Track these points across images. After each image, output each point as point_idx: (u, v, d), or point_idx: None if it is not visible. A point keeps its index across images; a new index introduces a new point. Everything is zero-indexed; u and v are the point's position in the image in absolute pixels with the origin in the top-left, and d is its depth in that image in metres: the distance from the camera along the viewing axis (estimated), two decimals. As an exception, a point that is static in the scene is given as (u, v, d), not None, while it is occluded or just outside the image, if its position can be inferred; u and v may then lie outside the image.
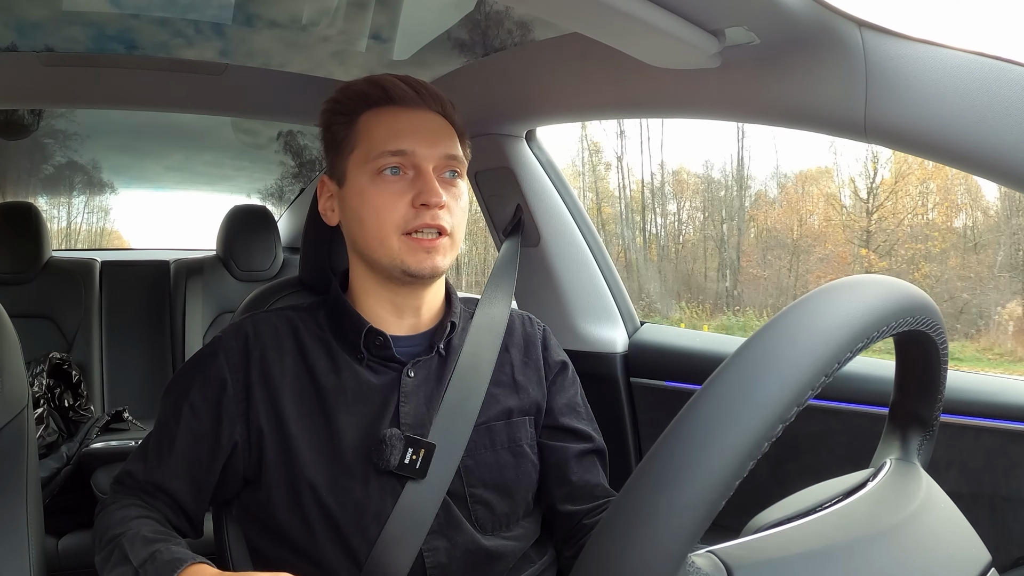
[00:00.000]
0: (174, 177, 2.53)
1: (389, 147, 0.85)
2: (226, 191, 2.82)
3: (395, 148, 0.85)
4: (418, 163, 0.86)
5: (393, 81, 0.89)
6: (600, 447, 1.00)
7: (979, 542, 0.53)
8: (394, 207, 0.84)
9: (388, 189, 0.85)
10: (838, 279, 0.45)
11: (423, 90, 0.90)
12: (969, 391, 0.98)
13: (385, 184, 0.85)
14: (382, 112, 0.89)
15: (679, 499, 0.36)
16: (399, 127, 0.87)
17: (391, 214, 0.84)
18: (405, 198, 0.85)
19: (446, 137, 0.89)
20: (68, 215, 4.38)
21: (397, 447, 0.83)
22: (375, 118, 0.88)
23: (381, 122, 0.88)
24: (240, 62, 1.34)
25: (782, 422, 0.37)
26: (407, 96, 0.89)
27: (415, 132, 0.86)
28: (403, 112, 0.88)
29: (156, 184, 2.63)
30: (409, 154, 0.85)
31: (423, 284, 0.89)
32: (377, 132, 0.87)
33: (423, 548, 0.83)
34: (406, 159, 0.86)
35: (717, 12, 0.79)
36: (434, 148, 0.87)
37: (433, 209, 0.84)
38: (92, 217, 4.38)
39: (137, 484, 0.87)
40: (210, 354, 0.88)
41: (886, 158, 6.23)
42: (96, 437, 1.83)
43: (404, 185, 0.85)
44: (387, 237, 0.85)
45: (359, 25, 1.19)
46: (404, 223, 0.84)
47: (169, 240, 2.95)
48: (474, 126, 1.40)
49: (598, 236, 1.48)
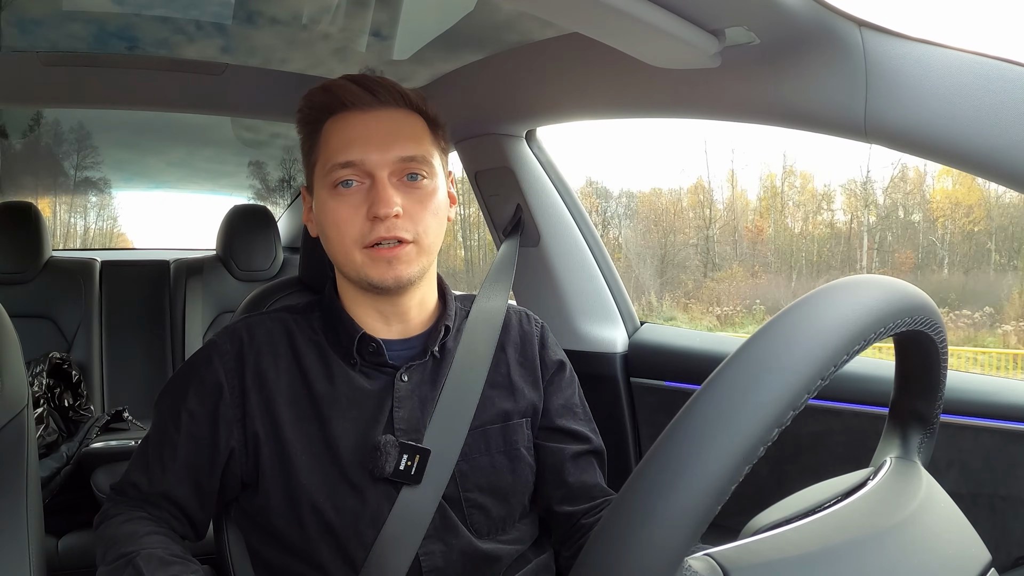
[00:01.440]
0: (176, 173, 2.52)
1: (339, 159, 0.82)
2: (227, 187, 2.82)
3: (344, 160, 0.82)
4: (370, 171, 0.82)
5: (343, 85, 0.85)
6: (598, 447, 1.00)
7: (979, 542, 0.53)
8: (350, 222, 0.82)
9: (345, 203, 0.83)
10: (836, 280, 0.45)
11: (379, 88, 0.86)
12: (969, 391, 0.98)
13: (341, 198, 0.83)
14: (339, 120, 0.85)
15: (675, 503, 0.36)
16: (350, 135, 0.84)
17: (349, 229, 0.82)
18: (361, 211, 0.82)
19: (403, 137, 0.84)
20: (84, 220, 4.87)
21: (392, 454, 0.83)
22: (332, 127, 0.86)
23: (335, 131, 0.85)
24: (240, 60, 1.34)
25: (778, 426, 0.37)
26: (360, 98, 0.85)
27: (366, 138, 0.83)
28: (357, 117, 0.85)
29: (157, 180, 2.62)
30: (358, 164, 0.82)
31: (396, 294, 0.87)
32: (331, 143, 0.84)
33: (419, 552, 0.83)
34: (357, 169, 0.82)
35: (717, 12, 0.79)
36: (386, 152, 0.83)
37: (387, 220, 0.81)
38: (102, 222, 4.87)
39: (141, 495, 0.86)
40: (205, 358, 0.88)
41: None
42: (96, 437, 1.83)
43: (360, 197, 0.83)
44: (349, 252, 0.83)
45: (359, 24, 1.19)
46: (361, 237, 0.82)
47: (174, 240, 2.96)
48: (474, 126, 1.40)
49: (598, 236, 1.48)
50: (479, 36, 1.18)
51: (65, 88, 1.39)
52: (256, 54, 1.25)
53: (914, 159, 10.73)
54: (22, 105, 1.87)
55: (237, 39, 1.21)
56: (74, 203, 4.37)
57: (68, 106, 1.86)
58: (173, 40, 1.19)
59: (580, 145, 2.58)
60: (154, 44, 1.22)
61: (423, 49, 1.26)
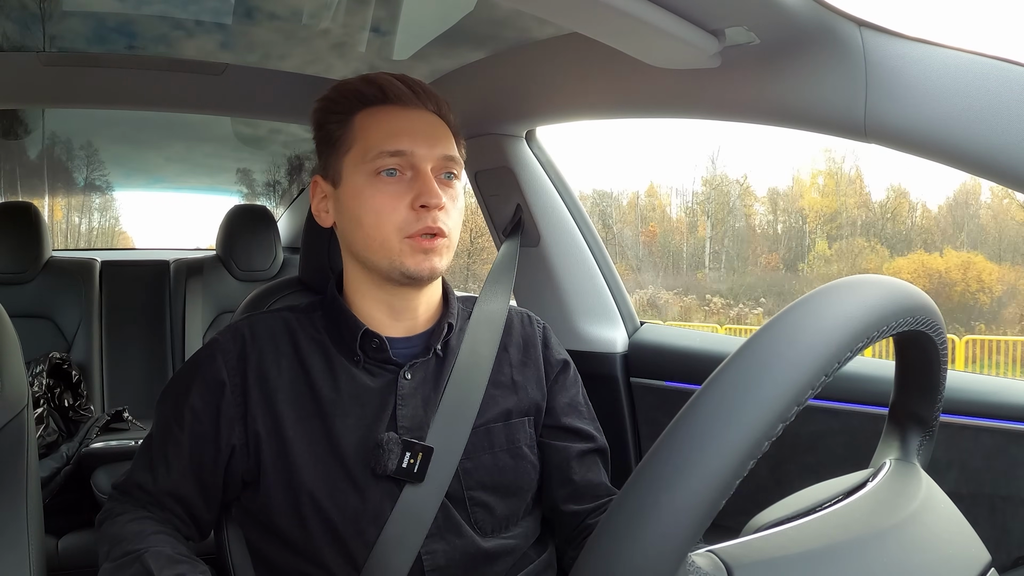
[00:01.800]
0: (175, 169, 2.52)
1: (387, 147, 0.84)
2: (226, 183, 2.82)
3: (394, 148, 0.84)
4: (416, 164, 0.84)
5: (390, 80, 0.88)
6: (602, 446, 1.00)
7: (979, 542, 0.53)
8: (394, 209, 0.83)
9: (386, 190, 0.84)
10: (838, 279, 0.45)
11: (420, 89, 0.89)
12: (969, 391, 0.98)
13: (383, 185, 0.84)
14: (378, 111, 0.87)
15: (679, 498, 0.36)
16: (397, 127, 0.85)
17: (391, 216, 0.83)
18: (404, 200, 0.83)
19: (443, 138, 0.88)
20: (88, 220, 5.24)
21: (395, 451, 0.83)
22: (371, 117, 0.87)
23: (378, 122, 0.86)
24: (240, 57, 1.33)
25: (782, 421, 0.37)
26: (404, 95, 0.87)
27: (413, 132, 0.85)
28: (400, 112, 0.87)
29: (156, 175, 2.62)
30: (408, 155, 0.84)
31: (420, 286, 0.88)
32: (374, 132, 0.86)
33: (422, 551, 0.83)
34: (404, 160, 0.84)
35: (717, 12, 0.79)
36: (432, 149, 0.85)
37: (433, 211, 0.83)
38: (105, 222, 5.23)
39: (146, 495, 0.86)
40: (208, 356, 0.88)
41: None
42: (96, 437, 1.83)
43: (402, 187, 0.84)
44: (387, 239, 0.84)
45: (359, 24, 1.19)
46: (405, 225, 0.83)
47: (172, 239, 2.98)
48: (474, 126, 1.40)
49: (598, 236, 1.48)
50: (479, 36, 1.18)
51: (65, 88, 1.39)
52: (256, 48, 1.24)
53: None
54: (22, 105, 1.87)
55: (237, 36, 1.21)
56: (79, 205, 4.52)
57: (68, 106, 1.86)
58: (173, 36, 1.19)
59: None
60: (154, 39, 1.21)
61: (423, 49, 1.26)
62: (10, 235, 2.14)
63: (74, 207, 7.30)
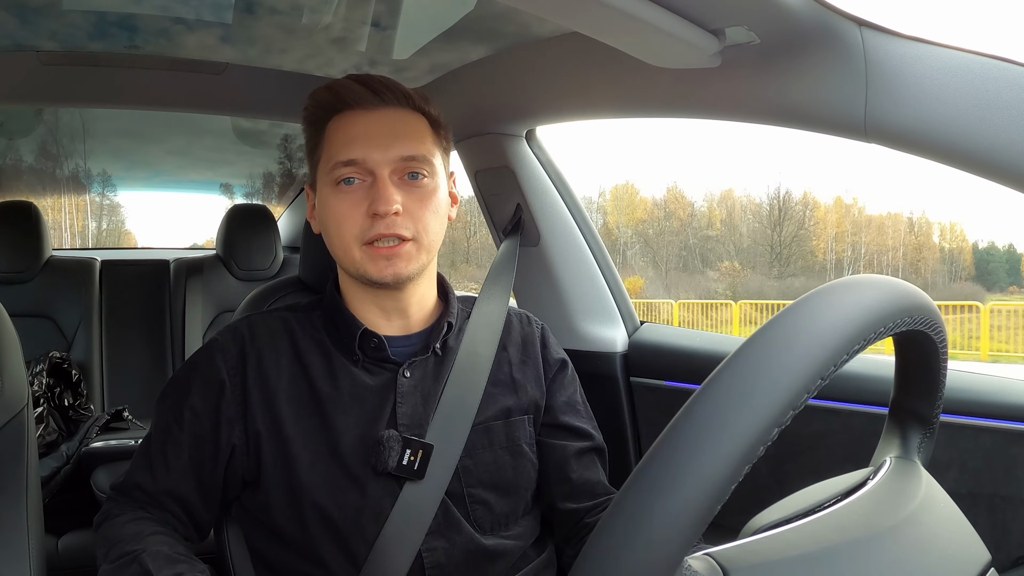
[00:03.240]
0: (175, 162, 2.51)
1: (341, 157, 0.84)
2: (227, 176, 2.82)
3: (346, 158, 0.84)
4: (372, 169, 0.84)
5: (347, 85, 0.87)
6: (600, 445, 1.00)
7: (979, 542, 0.53)
8: (351, 218, 0.84)
9: (346, 200, 0.84)
10: (836, 280, 0.45)
11: (382, 87, 0.87)
12: (969, 391, 0.98)
13: (343, 195, 0.84)
14: (341, 119, 0.87)
15: (675, 503, 0.36)
16: (352, 134, 0.85)
17: (349, 225, 0.84)
18: (361, 208, 0.83)
19: (404, 137, 0.86)
20: (99, 223, 5.49)
21: (395, 448, 0.83)
22: (335, 125, 0.87)
23: (339, 129, 0.87)
24: (240, 51, 1.33)
25: (778, 426, 0.37)
26: (362, 98, 0.86)
27: (368, 137, 0.84)
28: (360, 116, 0.86)
29: (157, 169, 2.61)
30: (360, 162, 0.84)
31: (396, 289, 0.88)
32: (334, 141, 0.86)
33: (422, 548, 0.83)
34: (359, 167, 0.84)
35: (717, 12, 0.79)
36: (387, 151, 0.84)
37: (387, 218, 0.82)
38: (112, 225, 5.49)
39: (145, 495, 0.86)
40: (208, 356, 0.88)
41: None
42: (96, 436, 1.83)
43: (361, 194, 0.84)
44: (348, 248, 0.85)
45: (359, 24, 1.19)
46: (361, 234, 0.83)
47: (174, 235, 3.00)
48: (474, 126, 1.40)
49: (598, 236, 1.48)
50: (479, 35, 1.18)
51: (65, 87, 1.39)
52: (256, 43, 1.24)
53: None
54: (22, 105, 1.87)
55: (237, 30, 1.20)
56: (95, 210, 4.63)
57: (68, 105, 1.86)
58: (173, 30, 1.19)
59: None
60: (155, 34, 1.21)
61: (423, 48, 1.26)
62: (10, 235, 2.14)
63: (91, 213, 7.68)
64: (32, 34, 1.20)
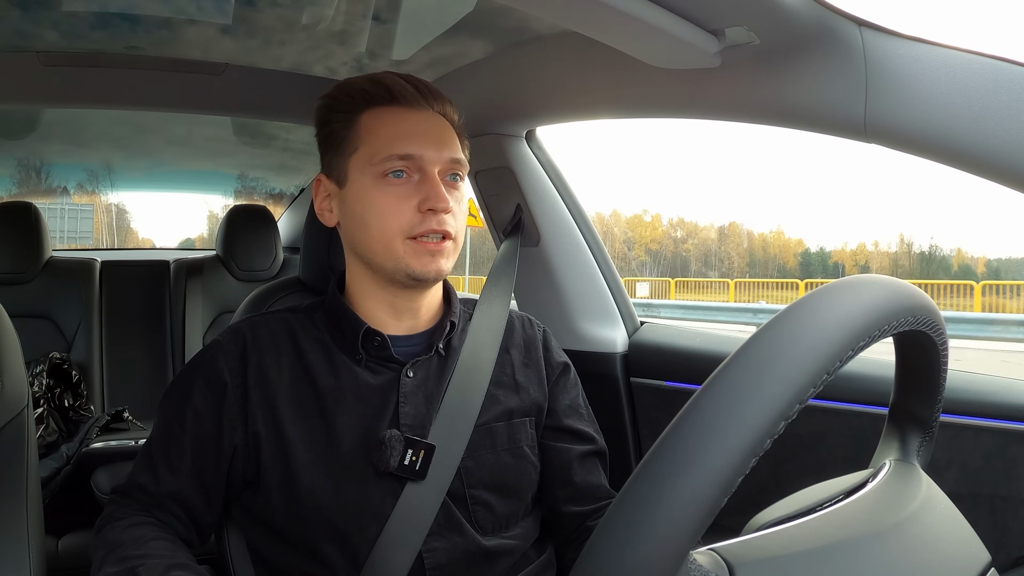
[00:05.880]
0: (175, 152, 2.49)
1: (396, 150, 0.84)
2: (227, 167, 2.81)
3: (403, 152, 0.84)
4: (424, 167, 0.84)
5: (396, 80, 0.88)
6: (602, 448, 1.00)
7: (979, 542, 0.53)
8: (400, 211, 0.83)
9: (393, 192, 0.84)
10: (839, 279, 0.45)
11: (426, 90, 0.88)
12: (969, 391, 0.98)
13: (390, 187, 0.84)
14: (384, 112, 0.87)
15: (682, 495, 0.36)
16: (404, 129, 0.85)
17: (397, 218, 0.83)
18: (411, 202, 0.83)
19: (450, 140, 0.88)
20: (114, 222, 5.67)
21: (397, 448, 0.83)
22: (377, 118, 0.87)
23: (385, 123, 0.86)
24: (241, 46, 1.33)
25: (784, 419, 0.37)
26: (411, 96, 0.87)
27: (421, 135, 0.85)
28: (407, 113, 0.87)
29: (157, 158, 2.60)
30: (416, 158, 0.84)
31: (426, 287, 0.88)
32: (381, 133, 0.85)
33: (422, 549, 0.83)
34: (412, 163, 0.84)
35: (717, 12, 0.79)
36: (440, 151, 0.85)
37: (440, 214, 0.83)
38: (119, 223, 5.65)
39: (148, 497, 0.85)
40: (210, 357, 0.88)
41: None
42: (96, 437, 1.83)
43: (409, 188, 0.84)
44: (392, 241, 0.84)
45: (359, 24, 1.19)
46: (410, 227, 0.83)
47: (173, 231, 3.01)
48: (474, 126, 1.40)
49: (598, 236, 1.48)
50: (479, 35, 1.18)
51: (65, 88, 1.39)
52: (256, 36, 1.24)
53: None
54: (22, 105, 1.87)
55: (237, 24, 1.20)
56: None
57: (68, 106, 1.86)
58: (174, 21, 1.18)
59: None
60: (156, 28, 1.21)
61: (422, 50, 1.26)
62: (10, 235, 2.14)
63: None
64: (32, 34, 1.20)
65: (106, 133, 2.28)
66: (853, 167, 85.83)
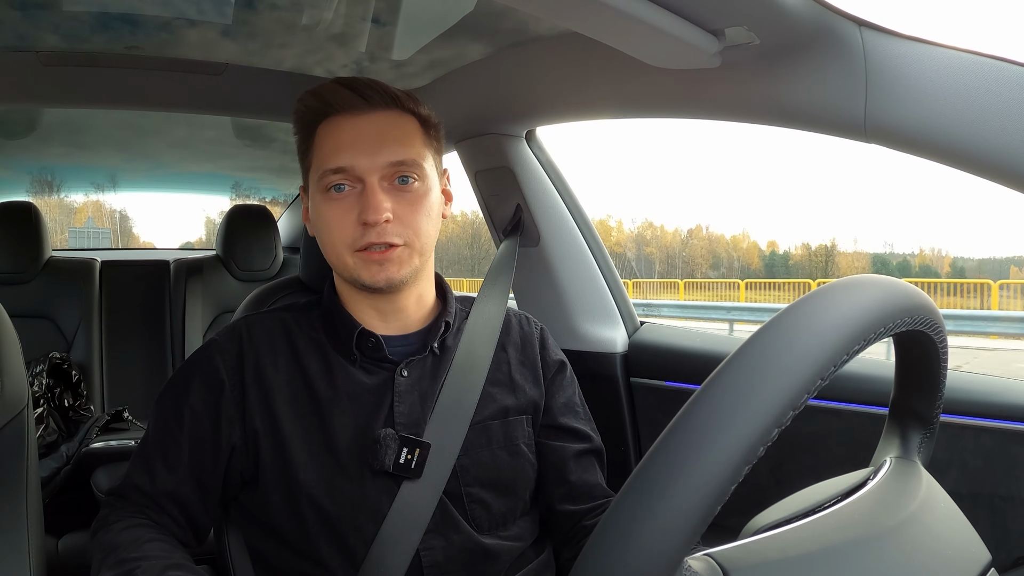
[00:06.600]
0: (176, 154, 2.50)
1: (330, 164, 0.84)
2: (229, 169, 2.81)
3: (334, 166, 0.83)
4: (360, 176, 0.83)
5: (333, 89, 0.86)
6: (598, 447, 1.00)
7: (979, 542, 0.53)
8: (342, 226, 0.84)
9: (336, 207, 0.84)
10: (836, 280, 0.45)
11: (369, 91, 0.86)
12: (969, 391, 0.98)
13: (333, 202, 0.84)
14: (330, 124, 0.86)
15: (674, 504, 0.36)
16: (340, 141, 0.84)
17: (340, 233, 0.84)
18: (351, 215, 0.83)
19: (393, 141, 0.85)
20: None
21: (392, 447, 0.83)
22: (325, 131, 0.86)
23: (328, 136, 0.86)
24: (240, 49, 1.33)
25: (778, 426, 0.37)
26: (350, 102, 0.85)
27: (356, 143, 0.84)
28: (348, 121, 0.85)
29: (158, 161, 2.60)
30: (348, 169, 0.83)
31: (391, 293, 0.88)
32: (323, 147, 0.86)
33: (420, 547, 0.83)
34: (348, 174, 0.83)
35: (717, 12, 0.79)
36: (376, 158, 0.83)
37: (377, 226, 0.82)
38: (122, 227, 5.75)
39: (144, 497, 0.85)
40: (207, 357, 0.88)
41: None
42: (96, 437, 1.83)
43: (351, 201, 0.84)
44: (341, 254, 0.85)
45: (359, 24, 1.19)
46: (353, 241, 0.83)
47: (172, 231, 3.03)
48: (474, 126, 1.40)
49: (598, 236, 1.48)
50: (479, 35, 1.18)
51: (65, 88, 1.39)
52: (256, 37, 1.24)
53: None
54: (22, 105, 1.87)
55: (236, 26, 1.20)
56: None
57: (68, 106, 1.86)
58: (174, 23, 1.18)
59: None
60: (156, 30, 1.21)
61: (423, 49, 1.26)
62: (10, 235, 2.14)
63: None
64: (32, 34, 1.20)
65: (109, 136, 2.28)
66: (823, 168, 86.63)
